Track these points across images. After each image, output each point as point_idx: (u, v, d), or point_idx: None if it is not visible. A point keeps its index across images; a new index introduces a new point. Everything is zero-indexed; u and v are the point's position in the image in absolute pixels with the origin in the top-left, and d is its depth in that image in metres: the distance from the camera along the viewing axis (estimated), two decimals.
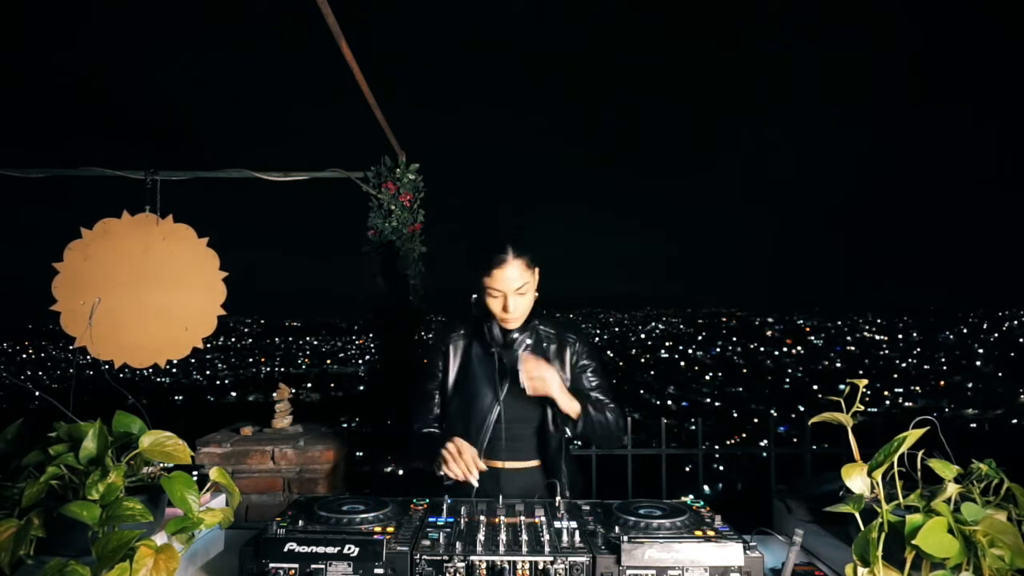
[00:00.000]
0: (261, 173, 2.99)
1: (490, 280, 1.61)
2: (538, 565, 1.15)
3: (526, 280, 1.63)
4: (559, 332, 1.78)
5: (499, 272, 1.59)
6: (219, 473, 1.28)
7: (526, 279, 1.62)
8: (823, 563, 1.32)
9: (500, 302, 1.63)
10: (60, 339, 29.91)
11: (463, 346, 1.78)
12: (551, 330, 1.78)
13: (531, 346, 1.73)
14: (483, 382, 1.72)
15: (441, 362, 1.79)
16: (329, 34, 2.16)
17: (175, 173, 2.95)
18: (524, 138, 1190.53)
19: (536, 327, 1.75)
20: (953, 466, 1.10)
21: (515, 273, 1.60)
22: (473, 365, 1.76)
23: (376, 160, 3.04)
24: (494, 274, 1.60)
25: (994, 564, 0.96)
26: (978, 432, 11.73)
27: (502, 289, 1.61)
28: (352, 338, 57.57)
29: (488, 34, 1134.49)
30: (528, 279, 1.63)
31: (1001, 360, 48.56)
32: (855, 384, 1.16)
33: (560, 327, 1.79)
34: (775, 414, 27.79)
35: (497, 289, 1.61)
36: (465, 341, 1.79)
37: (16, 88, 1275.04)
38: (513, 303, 1.62)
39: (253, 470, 2.46)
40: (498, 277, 1.60)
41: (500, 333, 1.70)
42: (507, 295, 1.61)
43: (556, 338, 1.77)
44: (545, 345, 1.76)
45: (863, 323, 59.45)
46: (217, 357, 51.74)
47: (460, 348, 1.78)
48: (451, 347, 1.79)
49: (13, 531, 1.06)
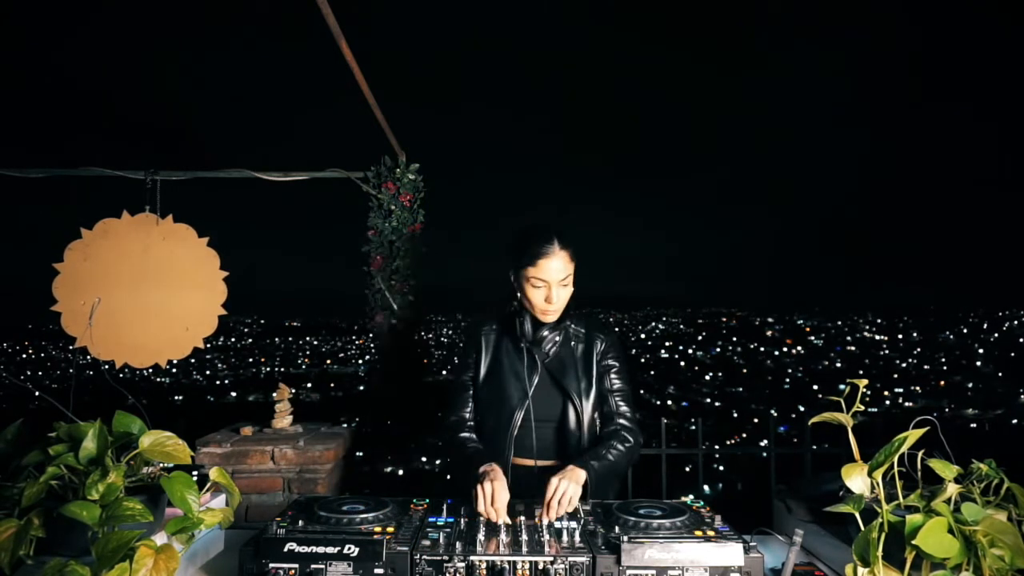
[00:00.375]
0: (261, 173, 2.99)
1: (535, 270, 1.63)
2: (538, 565, 1.15)
3: (569, 272, 1.65)
4: (589, 331, 1.79)
5: (545, 262, 1.62)
6: (219, 473, 1.28)
7: (569, 271, 1.65)
8: (823, 563, 1.32)
9: (544, 292, 1.65)
10: (60, 339, 29.91)
11: (494, 340, 1.80)
12: (581, 329, 1.79)
13: (559, 343, 1.74)
14: (512, 377, 1.73)
15: (474, 354, 1.80)
16: (329, 34, 2.16)
17: (175, 173, 2.95)
18: (524, 138, 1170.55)
19: (567, 326, 1.76)
20: (953, 466, 1.10)
21: (560, 264, 1.63)
22: (503, 360, 1.77)
23: (376, 160, 3.04)
24: (540, 264, 1.62)
25: (994, 564, 0.96)
26: (978, 432, 11.70)
27: (547, 279, 1.63)
28: (352, 338, 57.56)
29: (488, 34, 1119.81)
30: (571, 271, 1.66)
31: (1001, 360, 48.56)
32: (855, 384, 1.16)
33: (590, 326, 1.80)
34: (775, 414, 27.74)
35: (542, 279, 1.63)
36: (496, 335, 1.80)
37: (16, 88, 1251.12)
38: (556, 294, 1.64)
39: (253, 470, 2.46)
40: (544, 267, 1.62)
41: (531, 329, 1.71)
42: (551, 285, 1.63)
43: (585, 337, 1.78)
44: (573, 344, 1.76)
45: (863, 323, 59.45)
46: (217, 357, 51.74)
47: (491, 342, 1.80)
48: (483, 340, 1.80)
49: (13, 531, 1.06)
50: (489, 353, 1.79)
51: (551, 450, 1.73)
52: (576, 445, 1.69)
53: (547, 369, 1.73)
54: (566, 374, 1.72)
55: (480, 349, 1.79)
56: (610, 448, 1.63)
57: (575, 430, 1.70)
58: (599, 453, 1.59)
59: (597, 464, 1.55)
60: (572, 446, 1.69)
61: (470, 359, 1.81)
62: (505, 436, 1.69)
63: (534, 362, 1.73)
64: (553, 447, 1.73)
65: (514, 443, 1.69)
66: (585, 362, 1.75)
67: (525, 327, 1.70)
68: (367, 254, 3.06)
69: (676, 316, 67.24)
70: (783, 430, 24.80)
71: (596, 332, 1.79)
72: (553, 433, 1.73)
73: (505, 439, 1.68)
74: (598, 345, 1.77)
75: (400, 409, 3.02)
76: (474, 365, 1.79)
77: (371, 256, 3.05)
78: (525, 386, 1.71)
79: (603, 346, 1.78)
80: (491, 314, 1.84)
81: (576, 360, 1.74)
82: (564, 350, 1.75)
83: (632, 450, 1.68)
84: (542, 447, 1.71)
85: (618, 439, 1.66)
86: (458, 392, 1.80)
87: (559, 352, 1.75)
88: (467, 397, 1.79)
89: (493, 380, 1.76)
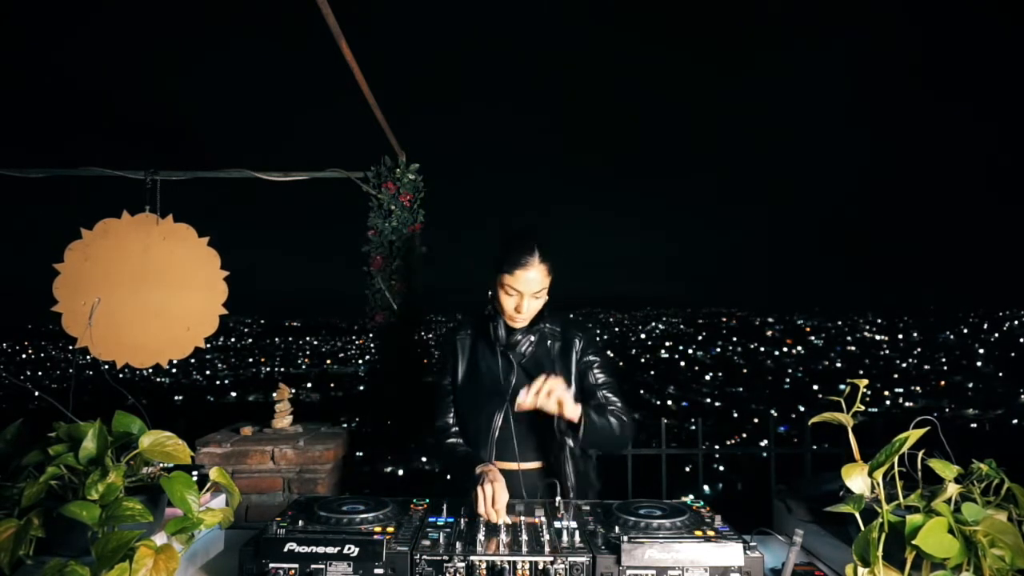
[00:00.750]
0: (261, 173, 2.99)
1: (511, 279, 1.63)
2: (538, 565, 1.15)
3: (544, 285, 1.66)
4: (564, 330, 1.79)
5: (522, 273, 1.62)
6: (219, 473, 1.28)
7: (544, 284, 1.66)
8: (823, 563, 1.32)
9: (515, 301, 1.66)
10: (60, 339, 29.89)
11: (469, 345, 1.81)
12: (556, 328, 1.79)
13: (535, 343, 1.74)
14: (489, 381, 1.73)
15: (452, 359, 1.81)
16: (329, 34, 2.16)
17: (175, 173, 2.95)
18: (524, 138, 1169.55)
19: (541, 327, 1.76)
20: (953, 466, 1.10)
21: (536, 277, 1.63)
22: (479, 363, 1.77)
23: (376, 160, 3.04)
24: (516, 274, 1.62)
25: (994, 564, 0.95)
26: (978, 432, 11.70)
27: (521, 290, 1.63)
28: (352, 338, 57.58)
29: (488, 34, 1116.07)
30: (546, 285, 1.66)
31: (1001, 360, 48.57)
32: (855, 384, 1.16)
33: (566, 325, 1.80)
34: (775, 414, 27.79)
35: (516, 289, 1.64)
36: (471, 340, 1.81)
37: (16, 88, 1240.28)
38: (527, 305, 1.65)
39: (253, 470, 2.46)
40: (520, 278, 1.62)
41: (505, 333, 1.71)
42: (524, 296, 1.64)
43: (561, 336, 1.78)
44: (549, 344, 1.76)
45: (863, 323, 59.46)
46: (217, 357, 51.75)
47: (467, 347, 1.81)
48: (459, 345, 1.81)
49: (13, 531, 1.06)
50: (465, 358, 1.80)
51: (533, 452, 1.72)
52: (561, 445, 1.68)
53: (523, 369, 1.72)
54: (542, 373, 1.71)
55: (456, 354, 1.80)
56: (606, 410, 1.66)
57: (555, 430, 1.68)
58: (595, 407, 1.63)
59: (593, 414, 1.58)
60: (555, 448, 1.69)
61: (447, 365, 1.81)
62: (486, 440, 1.69)
63: (510, 364, 1.73)
64: (534, 449, 1.73)
65: (495, 446, 1.69)
66: (563, 360, 1.75)
67: (499, 331, 1.70)
68: (367, 254, 3.06)
69: (676, 316, 67.25)
70: (783, 430, 24.81)
71: (573, 330, 1.79)
72: (534, 434, 1.72)
73: (486, 443, 1.68)
74: (577, 343, 1.77)
75: (400, 409, 3.02)
76: (452, 371, 1.80)
77: (371, 256, 3.04)
78: (502, 389, 1.71)
79: (582, 343, 1.77)
80: (466, 320, 1.85)
81: (553, 359, 1.75)
82: (540, 349, 1.75)
83: (625, 426, 1.67)
84: (523, 449, 1.71)
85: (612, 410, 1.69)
86: (443, 396, 1.81)
87: (535, 352, 1.75)
88: (449, 402, 1.80)
89: (471, 384, 1.77)
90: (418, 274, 3.08)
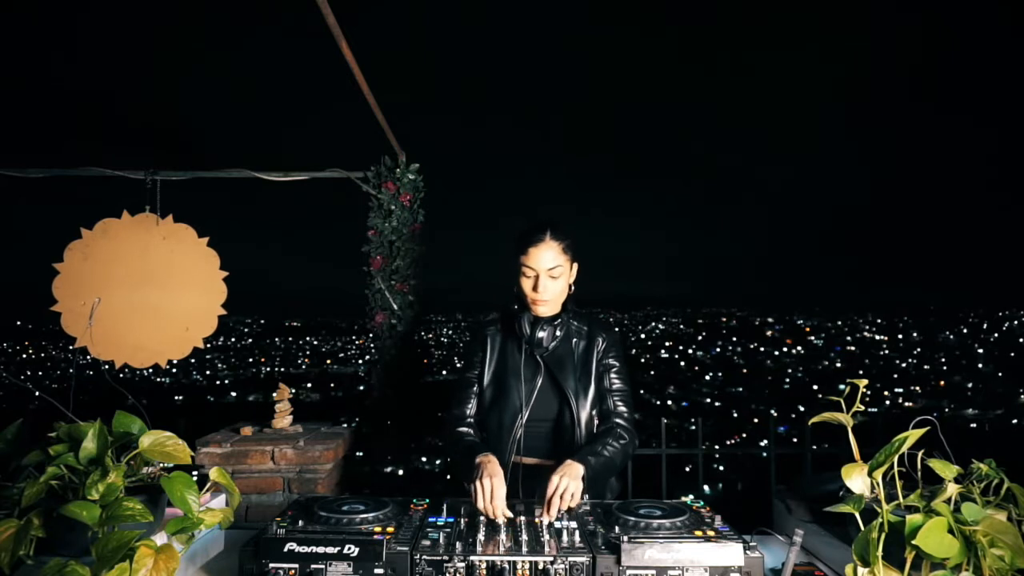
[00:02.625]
0: (261, 173, 2.99)
1: (526, 258, 1.68)
2: (538, 565, 1.15)
3: (559, 263, 1.68)
4: (591, 328, 1.80)
5: (535, 251, 1.66)
6: (219, 473, 1.28)
7: (560, 262, 1.68)
8: (823, 563, 1.32)
9: (531, 282, 1.69)
10: (60, 339, 29.90)
11: (499, 340, 1.82)
12: (584, 326, 1.80)
13: (560, 338, 1.75)
14: (513, 376, 1.75)
15: (480, 353, 1.82)
16: (329, 34, 2.16)
17: (175, 173, 2.95)
18: (525, 139, 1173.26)
19: (568, 321, 1.77)
20: (953, 466, 1.10)
21: (550, 254, 1.66)
22: (506, 360, 1.79)
23: (376, 160, 3.04)
24: (530, 252, 1.67)
25: (994, 564, 0.95)
26: (978, 432, 11.73)
27: (536, 268, 1.67)
28: (352, 338, 57.58)
29: (489, 34, 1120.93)
30: (562, 263, 1.69)
31: (1001, 360, 48.58)
32: (855, 384, 1.16)
33: (593, 324, 1.81)
34: (775, 414, 27.80)
35: (531, 267, 1.68)
36: (500, 335, 1.83)
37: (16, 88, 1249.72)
38: (543, 284, 1.67)
39: (253, 470, 2.46)
40: (533, 255, 1.66)
41: (530, 326, 1.72)
42: (540, 275, 1.67)
43: (586, 334, 1.79)
44: (575, 341, 1.78)
45: (863, 323, 59.46)
46: (217, 357, 51.74)
47: (496, 342, 1.82)
48: (488, 339, 1.82)
49: (13, 531, 1.06)
50: (494, 354, 1.81)
51: (549, 449, 1.74)
52: (572, 444, 1.70)
53: (547, 367, 1.74)
54: (564, 373, 1.73)
55: (485, 348, 1.81)
56: (606, 444, 1.63)
57: (571, 429, 1.70)
58: (595, 449, 1.60)
59: (594, 460, 1.56)
60: (568, 445, 1.70)
61: (476, 358, 1.83)
62: (508, 436, 1.70)
63: (536, 362, 1.75)
64: (550, 446, 1.74)
65: (518, 443, 1.70)
66: (584, 360, 1.76)
67: (524, 325, 1.72)
68: (367, 254, 3.06)
69: (676, 316, 67.23)
70: (783, 430, 24.80)
71: (598, 330, 1.80)
72: (550, 432, 1.74)
73: (508, 439, 1.70)
74: (599, 343, 1.78)
75: (400, 409, 3.02)
76: (480, 364, 1.81)
77: (371, 256, 3.05)
78: (527, 386, 1.72)
79: (604, 344, 1.79)
80: (495, 315, 1.87)
81: (576, 357, 1.76)
82: (564, 347, 1.76)
83: (627, 448, 1.68)
84: (541, 446, 1.73)
85: (613, 436, 1.67)
86: (462, 388, 1.82)
87: (559, 348, 1.76)
88: (471, 393, 1.81)
89: (497, 380, 1.78)
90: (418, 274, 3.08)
